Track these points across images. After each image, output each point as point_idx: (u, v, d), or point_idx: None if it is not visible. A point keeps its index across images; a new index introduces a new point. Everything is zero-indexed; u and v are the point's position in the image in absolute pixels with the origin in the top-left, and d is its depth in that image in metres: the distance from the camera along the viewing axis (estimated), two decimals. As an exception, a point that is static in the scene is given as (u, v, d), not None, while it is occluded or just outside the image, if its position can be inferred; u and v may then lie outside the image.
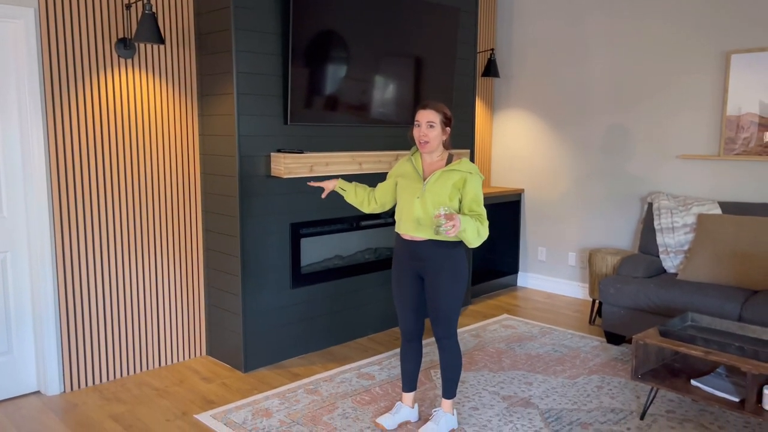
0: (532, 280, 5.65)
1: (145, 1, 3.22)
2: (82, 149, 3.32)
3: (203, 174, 3.78)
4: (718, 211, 4.15)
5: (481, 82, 5.61)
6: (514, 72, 5.61)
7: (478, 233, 2.67)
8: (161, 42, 3.31)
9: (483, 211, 2.74)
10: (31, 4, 3.10)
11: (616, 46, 4.90)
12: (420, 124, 2.77)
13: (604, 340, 4.22)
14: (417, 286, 2.88)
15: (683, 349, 2.88)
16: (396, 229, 2.88)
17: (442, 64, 4.45)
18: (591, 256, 4.67)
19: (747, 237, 3.87)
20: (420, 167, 2.85)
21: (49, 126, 3.19)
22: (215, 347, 3.87)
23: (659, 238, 4.31)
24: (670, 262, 4.24)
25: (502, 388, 3.44)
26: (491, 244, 5.76)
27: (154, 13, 3.28)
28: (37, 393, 3.38)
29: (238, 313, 3.64)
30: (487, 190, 5.42)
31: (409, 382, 3.02)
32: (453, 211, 2.62)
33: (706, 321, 3.24)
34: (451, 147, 2.89)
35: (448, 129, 2.81)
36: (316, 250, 4.00)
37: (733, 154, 4.31)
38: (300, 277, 3.87)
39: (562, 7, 5.21)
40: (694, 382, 2.96)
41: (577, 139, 5.22)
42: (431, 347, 3.99)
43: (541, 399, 3.31)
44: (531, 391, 3.40)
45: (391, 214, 4.28)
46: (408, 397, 3.04)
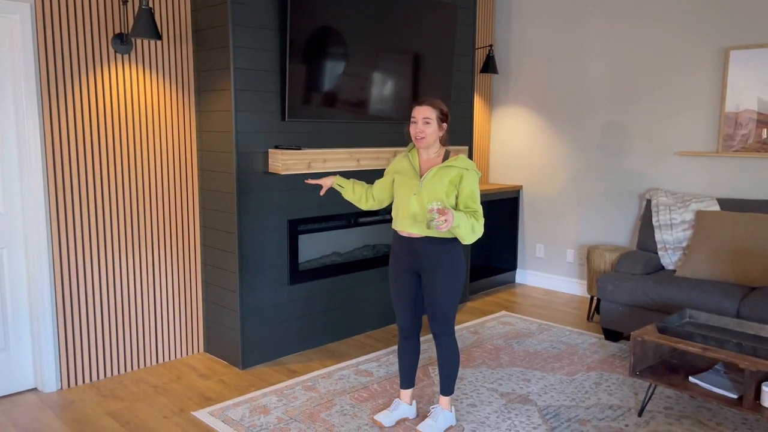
0: (530, 276, 5.64)
1: (142, -4, 3.21)
2: (79, 145, 3.30)
3: (200, 170, 3.77)
4: (717, 207, 4.15)
5: (480, 78, 5.60)
6: (512, 69, 5.59)
7: (472, 229, 2.66)
8: (158, 37, 3.29)
9: (479, 207, 2.74)
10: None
11: (614, 42, 4.89)
12: (416, 121, 2.76)
13: (602, 336, 4.22)
14: (414, 282, 2.87)
15: (681, 346, 2.88)
16: (393, 225, 2.88)
17: (441, 60, 4.43)
18: (589, 253, 4.67)
19: (745, 234, 3.87)
20: (417, 164, 2.84)
21: (45, 122, 3.18)
22: (213, 344, 3.86)
23: (657, 235, 4.30)
24: (669, 259, 4.23)
25: (500, 384, 3.44)
26: (489, 240, 5.76)
27: (150, 9, 3.27)
28: (34, 390, 3.37)
29: (235, 310, 3.63)
30: (485, 186, 5.41)
31: (407, 379, 3.02)
32: (446, 206, 2.61)
33: (704, 318, 3.23)
34: (448, 143, 2.88)
35: (445, 125, 2.80)
36: (314, 247, 3.99)
37: (732, 151, 4.31)
38: (298, 273, 3.86)
39: (560, 4, 5.20)
40: (692, 379, 2.96)
41: (575, 136, 5.21)
42: (429, 344, 3.99)
43: (539, 396, 3.30)
44: (529, 387, 3.40)
45: (389, 211, 4.27)
46: (406, 394, 3.04)
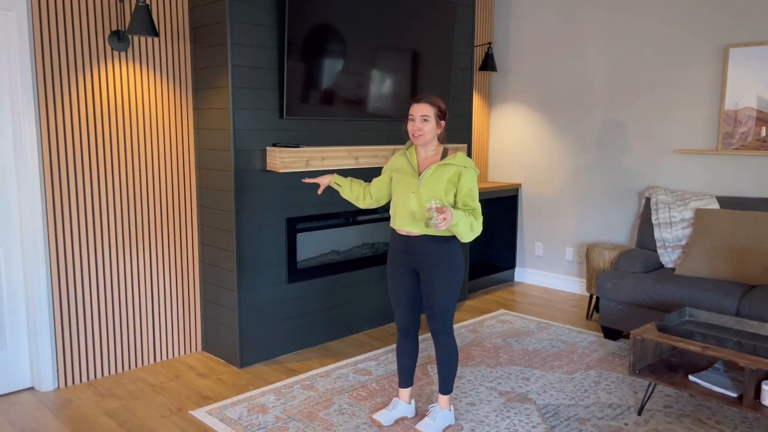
0: (529, 275, 5.63)
1: (139, -7, 3.19)
2: (76, 143, 3.28)
3: (198, 168, 3.75)
4: (716, 205, 4.14)
5: (479, 76, 5.58)
6: (511, 66, 5.58)
7: (471, 228, 2.64)
8: (155, 35, 3.27)
9: (477, 205, 2.72)
10: (23, -4, 3.06)
11: (613, 40, 4.88)
12: (414, 118, 2.74)
13: (602, 335, 4.21)
14: (412, 281, 2.86)
15: (681, 345, 2.87)
16: (391, 224, 2.86)
17: (440, 58, 4.42)
18: (588, 251, 4.66)
19: (744, 232, 3.86)
20: (415, 161, 2.82)
21: (42, 119, 3.16)
22: (211, 343, 3.85)
23: (657, 233, 4.29)
24: (668, 257, 4.22)
25: (500, 383, 3.43)
26: (488, 239, 5.75)
27: (148, 6, 3.25)
28: (31, 389, 3.35)
29: (233, 309, 3.61)
30: (484, 184, 5.40)
31: (406, 378, 3.01)
32: (445, 204, 2.60)
33: (703, 316, 3.22)
34: (446, 141, 2.87)
35: (443, 122, 2.78)
36: (313, 245, 3.97)
37: (731, 149, 4.30)
38: (296, 272, 3.85)
39: (559, 1, 5.18)
40: (691, 378, 2.95)
41: (574, 134, 5.20)
42: (428, 342, 3.98)
43: (539, 394, 3.29)
44: (528, 386, 3.39)
45: (387, 209, 4.26)
46: (405, 392, 3.02)
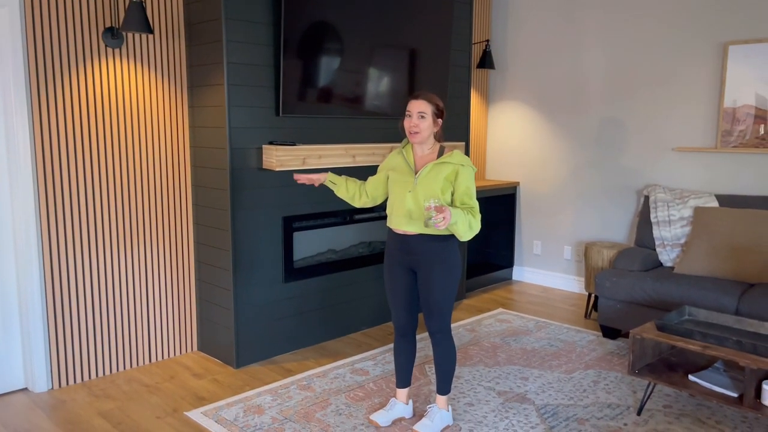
0: (527, 273, 5.61)
1: (133, -11, 3.15)
2: (69, 141, 3.24)
3: (193, 167, 3.71)
4: (715, 204, 4.12)
5: (476, 73, 5.55)
6: (509, 64, 5.55)
7: (469, 226, 2.61)
8: (149, 31, 3.24)
9: (475, 204, 2.69)
10: (15, -8, 3.02)
11: (612, 37, 4.85)
12: (411, 115, 2.71)
13: (600, 334, 4.19)
14: (410, 280, 2.83)
15: (681, 344, 2.85)
16: (387, 223, 2.83)
17: (437, 55, 4.39)
18: (587, 250, 4.63)
19: (744, 230, 3.84)
20: (411, 160, 2.79)
21: (34, 117, 3.12)
22: (206, 343, 3.82)
23: (656, 232, 4.27)
24: (667, 256, 4.20)
25: (498, 383, 3.40)
26: (486, 237, 5.72)
27: (142, 2, 3.21)
28: (24, 390, 3.31)
29: (229, 308, 3.58)
30: (482, 183, 5.37)
31: (403, 378, 2.98)
32: (443, 203, 2.56)
33: (703, 315, 3.20)
34: (442, 139, 2.83)
35: (440, 121, 2.75)
36: (309, 244, 3.94)
37: (730, 147, 4.27)
38: (293, 271, 3.82)
39: (558, -2, 5.15)
40: (691, 378, 2.93)
41: (573, 132, 5.17)
42: (425, 342, 3.95)
43: (537, 394, 3.27)
44: (527, 386, 3.37)
45: (384, 208, 4.22)
46: (402, 393, 2.99)
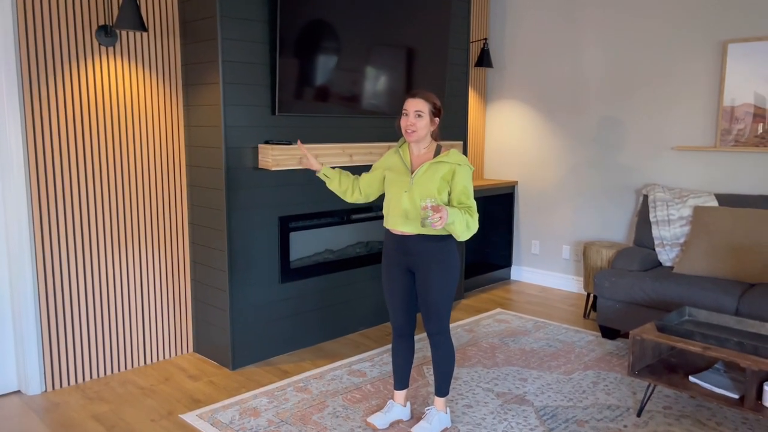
0: (525, 273, 5.58)
1: (127, -14, 3.11)
2: (62, 140, 3.20)
3: (189, 166, 3.67)
4: (715, 203, 4.09)
5: (474, 72, 5.52)
6: (507, 62, 5.52)
7: (467, 226, 2.58)
8: (144, 29, 3.20)
9: (473, 203, 2.66)
10: (7, -11, 2.98)
11: (610, 35, 4.82)
12: (408, 113, 2.67)
13: (599, 334, 4.16)
14: (408, 280, 2.79)
15: (681, 345, 2.82)
16: (384, 223, 2.79)
17: (435, 54, 4.35)
18: (585, 249, 4.60)
19: (743, 229, 3.81)
20: (408, 159, 2.76)
21: (27, 116, 3.07)
22: (202, 344, 3.78)
23: (655, 231, 4.24)
24: (666, 255, 4.17)
25: (496, 384, 3.37)
26: (484, 237, 5.69)
27: (135, -1, 3.17)
28: (17, 392, 3.27)
29: (225, 309, 3.54)
30: (479, 182, 5.34)
31: (401, 380, 2.94)
32: (440, 203, 2.53)
33: (703, 315, 3.17)
34: (439, 138, 2.80)
35: (437, 119, 2.71)
36: (306, 244, 3.91)
37: (729, 146, 4.25)
38: (289, 271, 3.78)
39: (556, -4, 5.12)
40: (692, 379, 2.90)
41: (571, 131, 5.14)
42: (423, 342, 3.91)
43: (536, 396, 3.24)
44: (525, 387, 3.33)
45: (382, 207, 4.19)
46: (400, 395, 2.96)
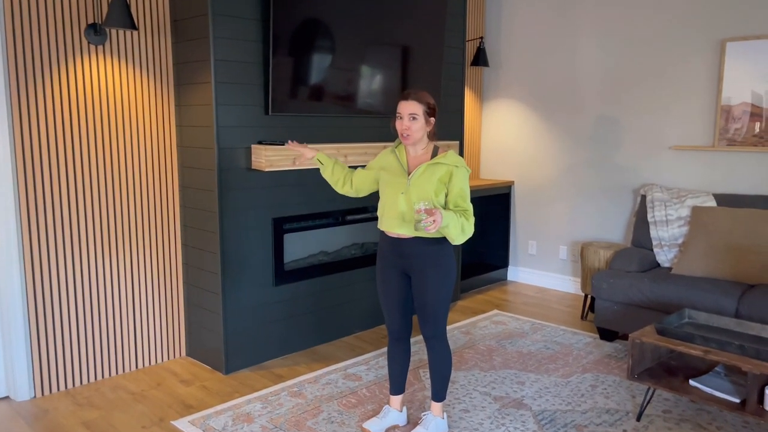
0: (522, 274, 5.54)
1: (116, -17, 3.04)
2: (51, 141, 3.13)
3: (180, 167, 3.61)
4: (713, 203, 4.05)
5: (470, 71, 5.47)
6: (503, 61, 5.47)
7: (462, 229, 2.52)
8: (134, 28, 3.13)
9: (469, 206, 2.60)
10: (-7, -13, 2.91)
11: (608, 33, 4.77)
12: (402, 117, 2.61)
13: (597, 336, 4.12)
14: (403, 284, 2.74)
15: (682, 349, 2.77)
16: (379, 225, 2.74)
17: (430, 52, 4.30)
18: (583, 250, 4.56)
19: (742, 230, 3.77)
20: (404, 160, 2.70)
21: (14, 117, 3.01)
22: (195, 348, 3.72)
23: (653, 232, 4.20)
24: (664, 256, 4.13)
25: (494, 388, 3.32)
26: (481, 237, 5.64)
27: (125, -3, 3.10)
28: (6, 399, 3.21)
29: (218, 312, 3.48)
30: (476, 182, 5.29)
31: (397, 385, 2.89)
32: (435, 206, 2.48)
33: (703, 318, 3.13)
34: (436, 138, 2.73)
35: (433, 119, 2.65)
36: (300, 246, 3.85)
37: (728, 145, 4.21)
38: (283, 273, 3.72)
39: (552, -6, 5.07)
40: (692, 382, 2.86)
41: (568, 130, 5.09)
42: (420, 345, 3.86)
43: (534, 399, 3.19)
44: (523, 391, 3.29)
45: (377, 207, 4.14)
46: (396, 400, 2.91)
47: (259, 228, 3.57)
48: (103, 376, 3.45)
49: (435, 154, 2.66)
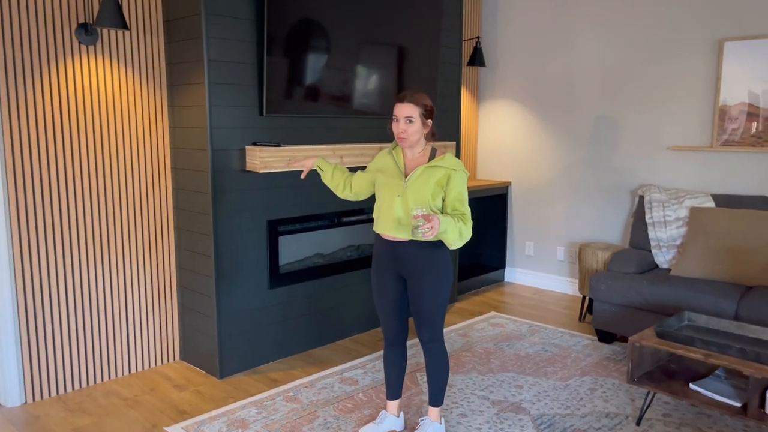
0: (519, 275, 5.50)
1: (107, -18, 2.99)
2: (41, 143, 3.08)
3: (174, 169, 3.56)
4: (711, 204, 4.02)
5: (467, 71, 5.43)
6: (500, 61, 5.43)
7: (460, 234, 2.48)
8: (125, 27, 3.08)
9: (467, 210, 2.56)
10: (-19, -14, 2.85)
11: (605, 33, 4.74)
12: (398, 119, 2.57)
13: (595, 338, 4.08)
14: (399, 287, 2.70)
15: (682, 352, 2.74)
16: (374, 228, 2.69)
17: (427, 52, 4.26)
18: (581, 251, 4.53)
19: (741, 231, 3.75)
20: (401, 162, 2.65)
21: (3, 118, 2.95)
22: (189, 352, 3.67)
23: (651, 233, 4.17)
24: (663, 257, 4.10)
25: (492, 392, 3.28)
26: (477, 238, 5.60)
27: (117, -4, 3.05)
28: (-4, 404, 3.16)
29: (212, 316, 3.43)
30: (473, 183, 5.26)
31: (394, 390, 2.85)
32: (432, 211, 2.43)
33: (703, 320, 3.10)
34: (435, 139, 2.68)
35: (430, 121, 2.60)
36: (296, 248, 3.80)
37: (727, 145, 4.18)
38: (278, 276, 3.68)
39: (549, -6, 5.04)
40: (693, 386, 2.82)
41: (565, 130, 5.06)
42: (416, 348, 3.82)
43: (533, 403, 3.15)
44: (522, 395, 3.25)
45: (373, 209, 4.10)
46: (393, 405, 2.86)
47: (253, 230, 3.52)
48: (95, 382, 3.39)
49: (433, 157, 2.62)
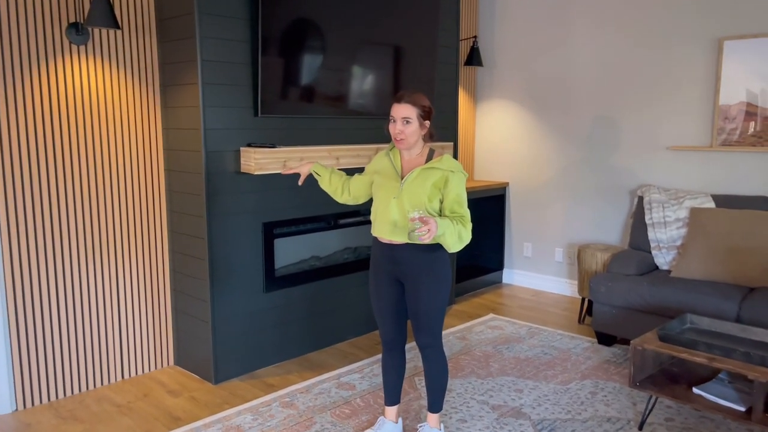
0: (517, 276, 5.45)
1: (98, -19, 2.93)
2: (31, 145, 3.02)
3: (167, 171, 3.50)
4: (712, 204, 3.98)
5: (464, 71, 5.38)
6: (497, 60, 5.38)
7: (459, 237, 2.43)
8: (117, 27, 3.02)
9: (466, 212, 2.50)
10: (-31, -16, 2.79)
11: (603, 32, 4.70)
12: (395, 120, 2.51)
13: (595, 340, 4.04)
14: (397, 291, 2.64)
15: (685, 356, 2.69)
16: (372, 231, 2.64)
17: (424, 52, 4.21)
18: (580, 253, 4.48)
19: (742, 231, 3.71)
20: (398, 163, 2.60)
21: (-8, 120, 2.89)
22: (183, 357, 3.61)
23: (651, 234, 4.13)
24: (663, 259, 4.06)
25: (491, 396, 3.23)
26: (475, 239, 5.54)
27: (108, -5, 2.99)
28: (-15, 412, 3.09)
29: (207, 320, 3.38)
30: (470, 183, 5.21)
31: (392, 396, 2.79)
32: (429, 214, 2.38)
33: (705, 323, 3.06)
34: (433, 140, 2.63)
35: (428, 122, 2.55)
36: (291, 251, 3.75)
37: (726, 145, 4.14)
38: (274, 279, 3.62)
39: (547, -7, 4.99)
40: (696, 390, 2.78)
41: (564, 130, 5.02)
42: (414, 352, 3.77)
43: (533, 408, 3.10)
44: (522, 399, 3.20)
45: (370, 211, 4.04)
46: (391, 411, 2.81)
47: (248, 233, 3.47)
48: (87, 388, 3.33)
49: (430, 158, 2.57)
